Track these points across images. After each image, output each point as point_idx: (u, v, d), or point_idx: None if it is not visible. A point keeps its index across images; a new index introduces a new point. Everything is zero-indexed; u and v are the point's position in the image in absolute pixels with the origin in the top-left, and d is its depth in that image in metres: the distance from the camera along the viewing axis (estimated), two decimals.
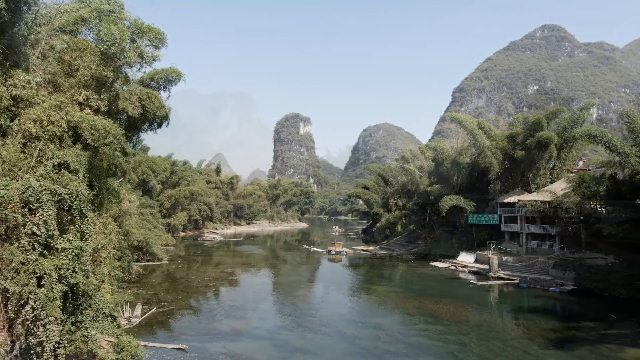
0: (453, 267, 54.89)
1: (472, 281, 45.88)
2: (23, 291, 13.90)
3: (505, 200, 55.45)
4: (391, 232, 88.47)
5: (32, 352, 14.13)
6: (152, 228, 64.67)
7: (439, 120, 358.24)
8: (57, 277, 14.41)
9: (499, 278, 46.47)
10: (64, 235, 15.51)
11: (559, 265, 44.41)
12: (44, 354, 13.95)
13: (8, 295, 13.95)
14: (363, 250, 79.17)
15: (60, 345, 14.50)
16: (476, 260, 55.46)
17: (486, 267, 49.86)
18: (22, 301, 14.02)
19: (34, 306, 13.83)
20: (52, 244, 14.92)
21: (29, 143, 17.85)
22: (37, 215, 14.64)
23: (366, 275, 55.60)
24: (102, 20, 22.30)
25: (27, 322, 13.89)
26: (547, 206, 49.91)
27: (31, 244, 14.59)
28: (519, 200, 52.96)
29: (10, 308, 13.96)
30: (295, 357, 24.47)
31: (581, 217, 45.01)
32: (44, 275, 14.15)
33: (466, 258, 57.06)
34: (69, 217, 15.86)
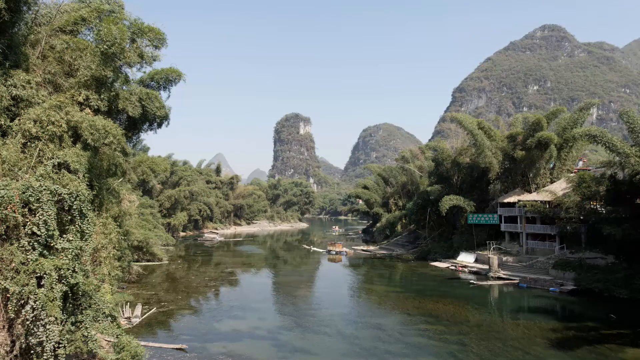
0: (453, 267, 54.90)
1: (472, 281, 45.89)
2: (23, 291, 13.87)
3: (505, 200, 55.45)
4: (391, 232, 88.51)
5: (32, 352, 14.10)
6: (152, 228, 64.68)
7: (439, 120, 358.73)
8: (57, 277, 14.38)
9: (499, 278, 46.50)
10: (64, 235, 15.47)
11: (559, 265, 44.43)
12: (44, 354, 13.92)
13: (8, 295, 13.92)
14: (363, 250, 79.19)
15: (60, 345, 14.48)
16: (476, 260, 55.48)
17: (486, 267, 49.89)
18: (22, 301, 13.98)
19: (34, 306, 13.79)
20: (52, 244, 14.89)
21: (29, 143, 17.85)
22: (37, 215, 14.60)
23: (366, 275, 55.62)
24: (102, 20, 22.29)
25: (27, 322, 13.85)
26: (547, 206, 49.93)
27: (31, 244, 14.55)
28: (519, 200, 52.96)
29: (10, 308, 13.92)
30: (295, 357, 24.48)
31: (581, 217, 45.02)
32: (44, 275, 14.11)
33: (466, 258, 57.06)
34: (69, 217, 15.82)
